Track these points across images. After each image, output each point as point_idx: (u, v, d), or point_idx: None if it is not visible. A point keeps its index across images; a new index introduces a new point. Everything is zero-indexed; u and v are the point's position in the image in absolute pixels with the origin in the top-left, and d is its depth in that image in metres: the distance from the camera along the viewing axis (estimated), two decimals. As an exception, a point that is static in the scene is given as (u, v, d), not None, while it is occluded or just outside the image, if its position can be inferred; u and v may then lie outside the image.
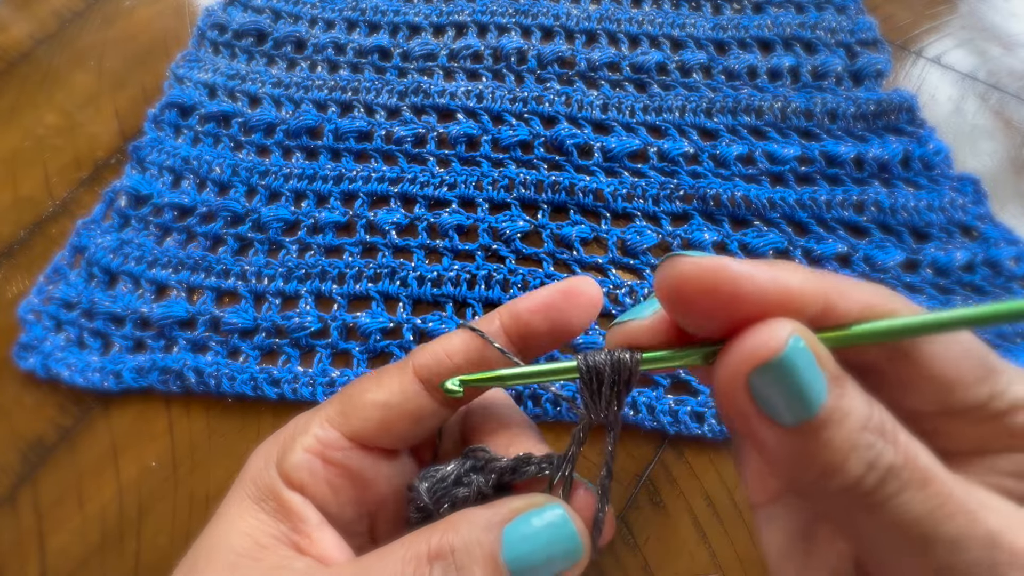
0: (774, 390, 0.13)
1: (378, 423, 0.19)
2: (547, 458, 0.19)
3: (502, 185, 0.40)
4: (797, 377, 0.13)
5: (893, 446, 0.13)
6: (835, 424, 0.13)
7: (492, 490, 0.19)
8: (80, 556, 0.31)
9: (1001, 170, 0.40)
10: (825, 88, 0.43)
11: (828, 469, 0.13)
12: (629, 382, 0.16)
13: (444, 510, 0.19)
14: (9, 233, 0.40)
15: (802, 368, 0.13)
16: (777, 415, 0.13)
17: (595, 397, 0.16)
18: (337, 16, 0.49)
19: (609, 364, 0.16)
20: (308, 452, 0.19)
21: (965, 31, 0.46)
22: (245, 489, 0.19)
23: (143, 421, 0.34)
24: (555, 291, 0.20)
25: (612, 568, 0.30)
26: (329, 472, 0.19)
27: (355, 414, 0.19)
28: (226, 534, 0.18)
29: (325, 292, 0.37)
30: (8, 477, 0.33)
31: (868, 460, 0.13)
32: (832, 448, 0.13)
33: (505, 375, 0.18)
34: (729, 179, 0.39)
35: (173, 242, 0.39)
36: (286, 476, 0.19)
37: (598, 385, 0.16)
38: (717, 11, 0.48)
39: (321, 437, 0.19)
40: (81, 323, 0.36)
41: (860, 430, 0.13)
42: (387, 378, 0.20)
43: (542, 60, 0.45)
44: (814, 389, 0.13)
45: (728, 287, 0.14)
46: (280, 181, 0.41)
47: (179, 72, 0.45)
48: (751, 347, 0.13)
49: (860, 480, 0.13)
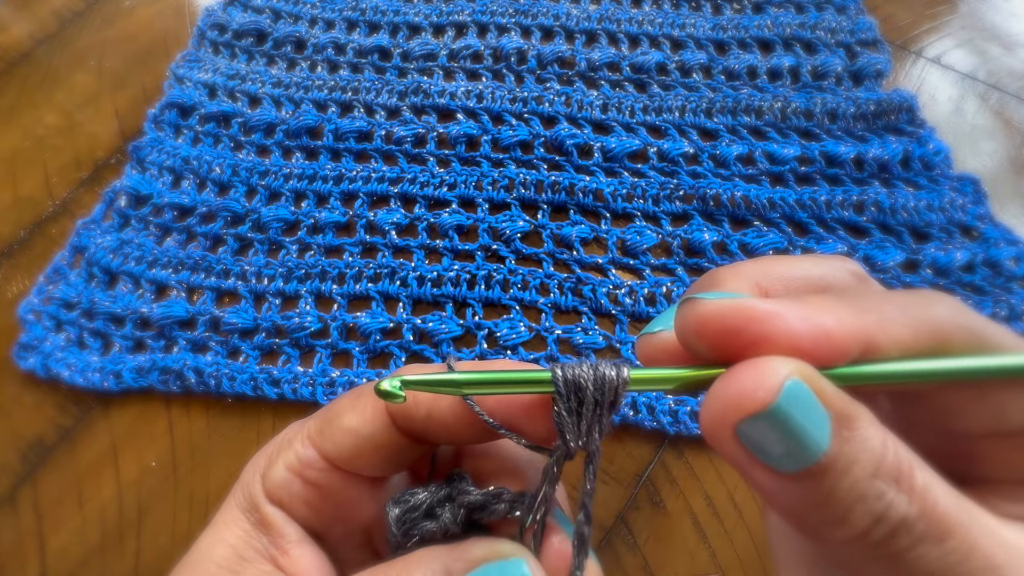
0: (767, 438, 0.12)
1: (350, 450, 0.18)
2: (519, 496, 0.17)
3: (502, 185, 0.40)
4: (793, 425, 0.12)
5: (908, 494, 0.12)
6: (839, 473, 0.12)
7: (460, 528, 0.17)
8: (80, 556, 0.31)
9: (1001, 170, 0.40)
10: (825, 88, 0.43)
11: (831, 520, 0.12)
12: (614, 403, 0.14)
13: (412, 544, 0.17)
14: (9, 233, 0.40)
15: (799, 414, 0.12)
16: (772, 462, 0.12)
17: (573, 419, 0.14)
18: (337, 16, 0.49)
19: (592, 381, 0.14)
20: (288, 470, 0.18)
21: (965, 31, 0.46)
22: (235, 498, 0.18)
23: (143, 421, 0.34)
24: None
25: (612, 568, 0.30)
26: (308, 491, 0.18)
27: (330, 436, 0.18)
28: (212, 544, 0.18)
29: (325, 292, 0.37)
30: (8, 477, 0.33)
31: (876, 513, 0.12)
32: (835, 498, 0.12)
33: (459, 380, 0.15)
34: (729, 179, 0.39)
35: (173, 242, 0.39)
36: (268, 491, 0.18)
37: (578, 405, 0.14)
38: (717, 11, 0.48)
39: (301, 456, 0.18)
40: (81, 323, 0.36)
41: (869, 477, 0.12)
42: (362, 403, 0.18)
43: (542, 60, 0.45)
44: (814, 435, 0.12)
45: (755, 331, 0.12)
46: (280, 181, 0.41)
47: (179, 72, 0.45)
48: (737, 395, 0.12)
49: (867, 533, 0.12)
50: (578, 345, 0.35)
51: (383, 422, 0.18)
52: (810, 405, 0.12)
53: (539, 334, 0.35)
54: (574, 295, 0.36)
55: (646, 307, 0.36)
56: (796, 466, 0.12)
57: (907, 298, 0.14)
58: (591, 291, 0.36)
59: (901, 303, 0.13)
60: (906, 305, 0.13)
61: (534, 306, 0.36)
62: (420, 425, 0.17)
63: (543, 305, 0.36)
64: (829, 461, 0.12)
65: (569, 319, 0.36)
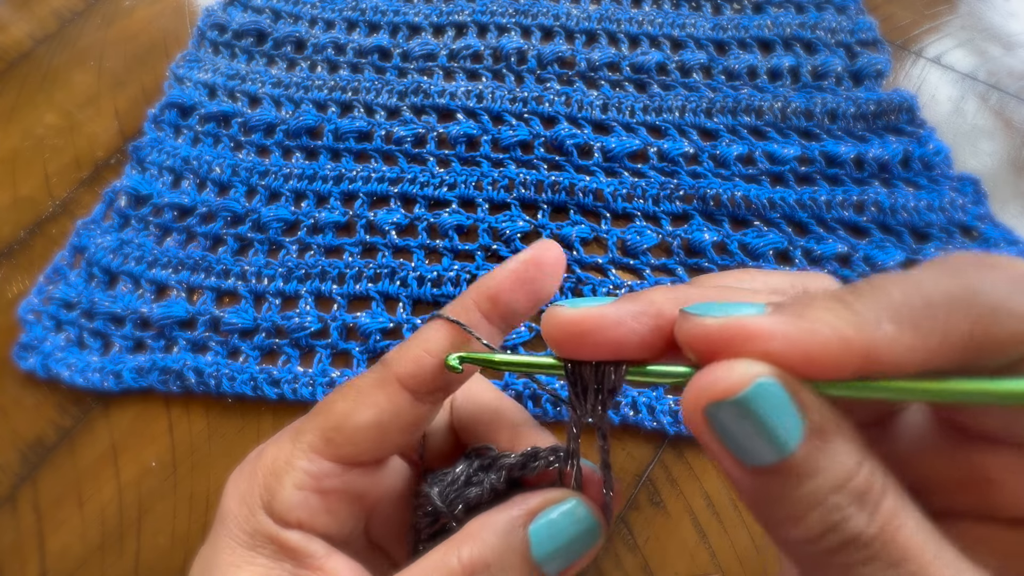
0: (733, 427, 0.13)
1: (373, 444, 0.18)
2: (553, 450, 0.19)
3: (502, 185, 0.40)
4: (758, 419, 0.12)
5: (870, 515, 0.12)
6: (801, 476, 0.12)
7: (505, 486, 0.19)
8: (80, 556, 0.31)
9: (1001, 170, 0.40)
10: (825, 88, 0.43)
11: (786, 518, 0.13)
12: (614, 391, 0.16)
13: (458, 512, 0.19)
14: (9, 233, 0.40)
15: (766, 411, 0.12)
16: (738, 453, 0.13)
17: (580, 400, 0.16)
18: (337, 16, 0.49)
19: (593, 374, 0.16)
20: (302, 489, 0.18)
21: (965, 31, 0.46)
22: (234, 539, 0.18)
23: (143, 421, 0.34)
24: (524, 264, 0.19)
25: (612, 568, 0.30)
26: (328, 501, 0.18)
27: (344, 440, 0.18)
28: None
29: (325, 292, 0.37)
30: (8, 477, 0.33)
31: (830, 522, 0.12)
32: (793, 499, 0.13)
33: (497, 360, 0.18)
34: (729, 179, 0.39)
35: (173, 242, 0.39)
36: (280, 518, 0.18)
37: (583, 389, 0.16)
38: (717, 11, 0.48)
39: (312, 471, 0.18)
40: (81, 323, 0.36)
41: (831, 489, 0.12)
42: (370, 395, 0.18)
43: (542, 60, 0.45)
44: (780, 435, 0.12)
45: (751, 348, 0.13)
46: (280, 181, 0.41)
47: (179, 72, 0.45)
48: (710, 381, 0.13)
49: (819, 538, 0.12)
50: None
51: (405, 401, 0.18)
52: (780, 406, 0.12)
53: (539, 334, 0.35)
54: (574, 295, 0.36)
55: (646, 307, 0.36)
56: (759, 461, 0.13)
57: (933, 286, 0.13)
58: (591, 291, 0.36)
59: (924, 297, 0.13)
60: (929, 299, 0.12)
61: (534, 306, 0.36)
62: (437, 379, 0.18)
63: (544, 305, 0.36)
64: (793, 463, 0.12)
65: (569, 319, 0.36)
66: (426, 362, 0.18)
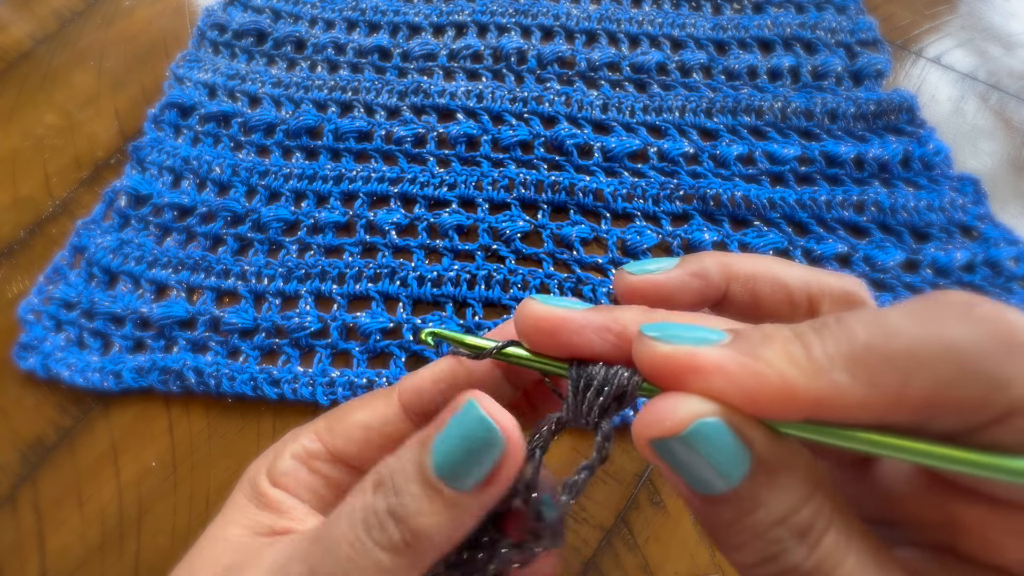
0: (675, 461, 0.13)
1: (359, 444, 0.20)
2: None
3: (502, 185, 0.40)
4: (698, 458, 0.13)
5: (809, 549, 0.13)
6: (745, 509, 0.13)
7: None
8: (80, 556, 0.31)
9: (1001, 170, 0.40)
10: (825, 88, 0.43)
11: (728, 543, 0.13)
12: (622, 399, 0.15)
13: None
14: (9, 233, 0.40)
15: (707, 450, 0.13)
16: (688, 481, 0.13)
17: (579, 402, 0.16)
18: (337, 16, 0.49)
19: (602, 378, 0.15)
20: (294, 459, 0.20)
21: (965, 31, 0.46)
22: (242, 491, 0.20)
23: (143, 421, 0.34)
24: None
25: (612, 568, 0.30)
26: (314, 480, 0.20)
27: (339, 432, 0.20)
28: (224, 526, 0.19)
29: (325, 292, 0.37)
30: (8, 477, 0.33)
31: (770, 553, 0.13)
32: (737, 528, 0.13)
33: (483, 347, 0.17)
34: (729, 179, 0.39)
35: (173, 242, 0.39)
36: (273, 479, 0.19)
37: (585, 387, 0.16)
38: (717, 11, 0.48)
39: (308, 447, 0.20)
40: (81, 323, 0.36)
41: (772, 523, 0.13)
42: (373, 400, 0.20)
43: (542, 60, 0.45)
44: (722, 471, 0.13)
45: (698, 383, 0.13)
46: (280, 181, 0.41)
47: (179, 72, 0.45)
48: (653, 418, 0.13)
49: (757, 566, 0.13)
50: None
51: (394, 414, 0.20)
52: (724, 444, 0.13)
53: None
54: (574, 295, 0.36)
55: (646, 307, 0.36)
56: (706, 490, 0.13)
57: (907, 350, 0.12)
58: (591, 291, 0.36)
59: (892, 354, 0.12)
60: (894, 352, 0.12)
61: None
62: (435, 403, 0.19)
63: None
64: (737, 495, 0.13)
65: (569, 319, 0.36)
66: (427, 384, 0.19)
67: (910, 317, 0.12)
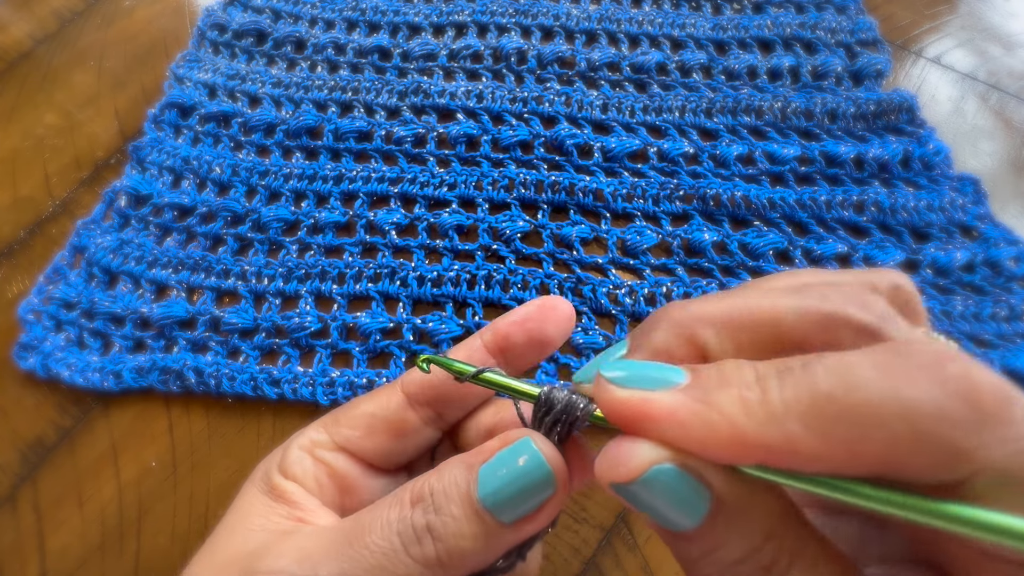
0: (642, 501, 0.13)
1: (363, 432, 0.21)
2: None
3: (502, 185, 0.40)
4: (659, 500, 0.13)
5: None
6: (705, 547, 0.13)
7: None
8: (80, 556, 0.31)
9: (1001, 170, 0.40)
10: (825, 88, 0.43)
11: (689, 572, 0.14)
12: (573, 424, 0.16)
13: None
14: (9, 233, 0.40)
15: (665, 494, 0.13)
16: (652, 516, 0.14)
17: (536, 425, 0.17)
18: (337, 16, 0.49)
19: (563, 402, 0.16)
20: (301, 449, 0.21)
21: (965, 31, 0.46)
22: (255, 484, 0.21)
23: (143, 421, 0.34)
24: (531, 306, 0.21)
25: (612, 568, 0.30)
26: (318, 470, 0.21)
27: (345, 422, 0.21)
28: (240, 517, 0.20)
29: (325, 292, 0.37)
30: (8, 477, 0.33)
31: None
32: (702, 563, 0.13)
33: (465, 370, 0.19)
34: (729, 179, 0.39)
35: (173, 242, 0.39)
36: (283, 470, 0.21)
37: (544, 414, 0.17)
38: (717, 11, 0.48)
39: (313, 438, 0.21)
40: (81, 323, 0.36)
41: (734, 562, 0.13)
42: (377, 393, 0.22)
43: (542, 60, 0.45)
44: (679, 513, 0.13)
45: (652, 430, 0.13)
46: (280, 181, 0.41)
47: (179, 72, 0.45)
48: (609, 465, 0.13)
49: None
50: (578, 345, 0.35)
51: (397, 402, 0.21)
52: (680, 488, 0.13)
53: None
54: (574, 295, 0.36)
55: (646, 307, 0.36)
56: (669, 527, 0.13)
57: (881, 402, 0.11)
58: (591, 291, 0.36)
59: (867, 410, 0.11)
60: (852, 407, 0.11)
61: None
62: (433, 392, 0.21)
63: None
64: (699, 534, 0.13)
65: (569, 319, 0.36)
66: (426, 376, 0.21)
67: (876, 369, 0.11)
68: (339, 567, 0.16)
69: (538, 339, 0.21)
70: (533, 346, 0.21)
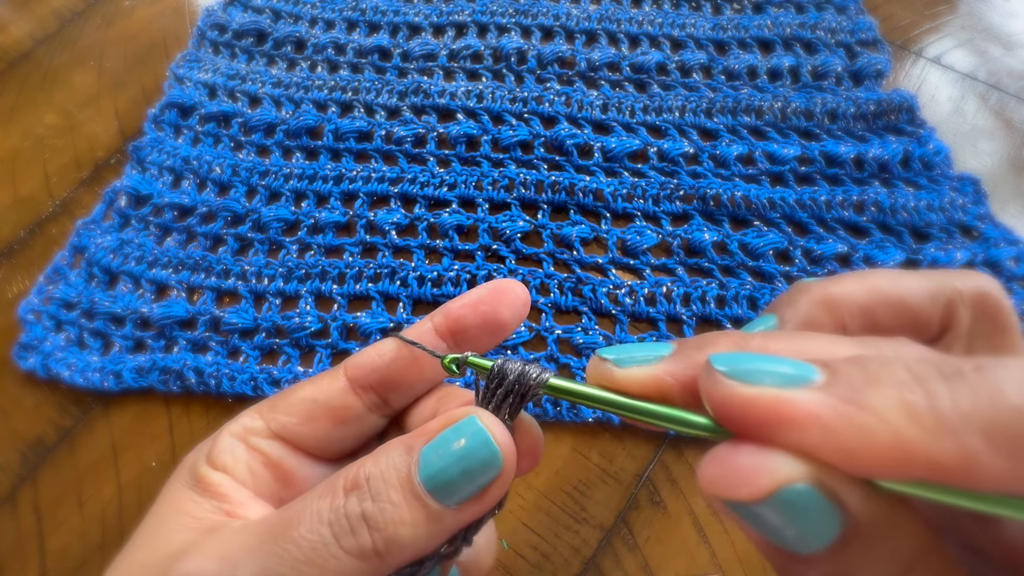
0: (754, 521, 0.11)
1: (301, 418, 0.19)
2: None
3: (502, 185, 0.40)
4: (786, 522, 0.11)
5: None
6: (827, 573, 0.11)
7: None
8: (80, 556, 0.31)
9: (1001, 170, 0.40)
10: (825, 88, 0.43)
11: None
12: (525, 396, 0.15)
13: None
14: (9, 233, 0.40)
15: (794, 517, 0.11)
16: (764, 533, 0.11)
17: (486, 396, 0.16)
18: (337, 16, 0.49)
19: (515, 373, 0.16)
20: (232, 436, 0.19)
21: (965, 31, 0.46)
22: (179, 479, 0.19)
23: (143, 421, 0.34)
24: (484, 289, 0.20)
25: (612, 568, 0.30)
26: (252, 458, 0.19)
27: (282, 408, 0.19)
28: (160, 518, 0.18)
29: (325, 292, 0.37)
30: (8, 477, 0.33)
31: None
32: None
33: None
34: (729, 179, 0.39)
35: (173, 242, 0.39)
36: (211, 460, 0.19)
37: (497, 386, 0.16)
38: (717, 11, 0.48)
39: (247, 424, 0.19)
40: (81, 323, 0.36)
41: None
42: (318, 378, 0.20)
43: (542, 60, 0.45)
44: (809, 536, 0.11)
45: (786, 436, 0.11)
46: (280, 181, 0.41)
47: (179, 72, 0.45)
48: (732, 480, 0.11)
49: None
50: (578, 345, 0.35)
51: (339, 387, 0.19)
52: (813, 510, 0.11)
53: (539, 334, 0.35)
54: (574, 295, 0.36)
55: (646, 307, 0.36)
56: (787, 548, 0.11)
57: None
58: (591, 291, 0.36)
59: None
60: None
61: (534, 306, 0.36)
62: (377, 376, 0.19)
63: (543, 305, 0.36)
64: (821, 559, 0.11)
65: (569, 319, 0.36)
66: (370, 359, 0.19)
67: None
68: (263, 564, 0.15)
69: (491, 322, 0.19)
70: (486, 330, 0.20)
